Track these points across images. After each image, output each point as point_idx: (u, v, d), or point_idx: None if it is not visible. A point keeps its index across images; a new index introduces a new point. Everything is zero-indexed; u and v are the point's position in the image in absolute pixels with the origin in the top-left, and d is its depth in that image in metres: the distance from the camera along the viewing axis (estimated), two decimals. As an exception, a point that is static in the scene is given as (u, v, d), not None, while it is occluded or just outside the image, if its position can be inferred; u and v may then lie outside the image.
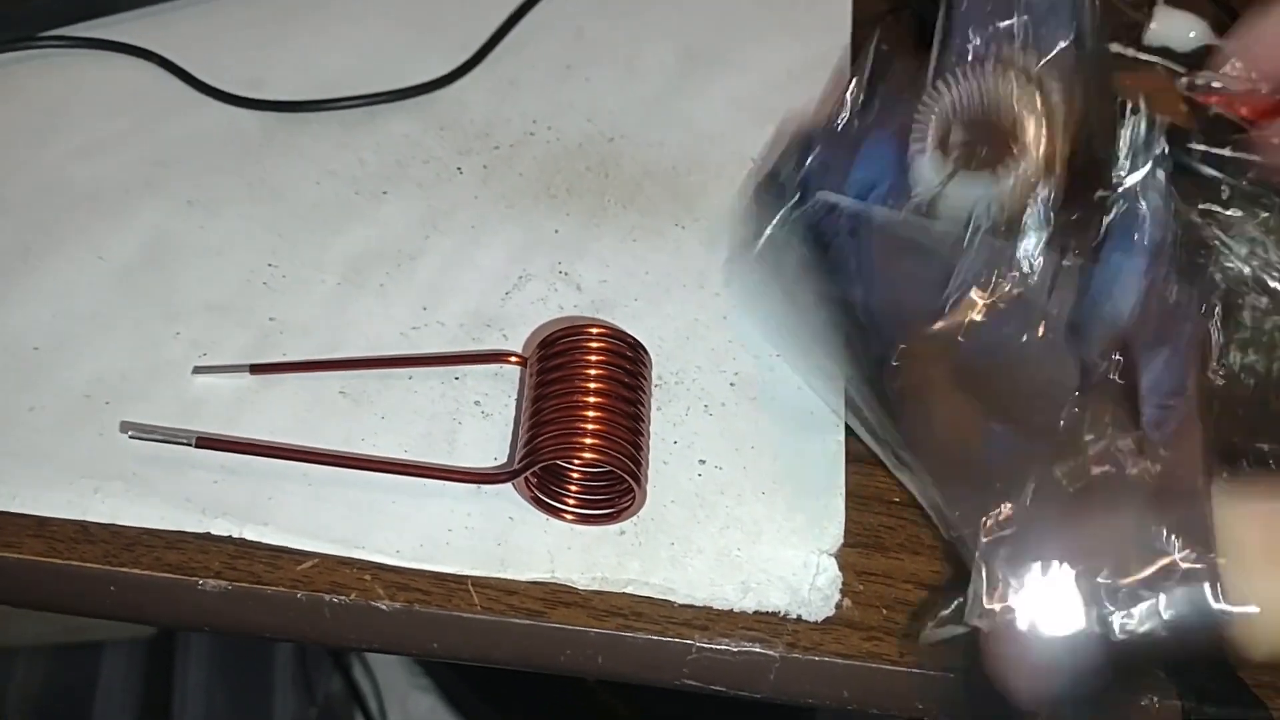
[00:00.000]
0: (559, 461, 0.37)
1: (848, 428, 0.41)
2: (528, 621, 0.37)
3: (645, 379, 0.39)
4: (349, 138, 0.51)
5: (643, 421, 0.38)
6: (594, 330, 0.39)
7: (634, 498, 0.37)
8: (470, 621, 0.37)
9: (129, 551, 0.37)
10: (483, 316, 0.44)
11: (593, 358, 0.38)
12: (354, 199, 0.48)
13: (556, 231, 0.47)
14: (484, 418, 0.41)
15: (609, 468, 0.37)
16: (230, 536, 0.37)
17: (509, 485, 0.38)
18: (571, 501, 0.38)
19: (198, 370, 0.41)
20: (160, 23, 0.54)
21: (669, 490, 0.39)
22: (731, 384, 0.42)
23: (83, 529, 0.37)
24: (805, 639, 0.37)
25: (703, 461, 0.40)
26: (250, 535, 0.37)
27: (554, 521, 0.38)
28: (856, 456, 0.40)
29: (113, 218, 0.46)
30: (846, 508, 0.39)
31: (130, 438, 0.38)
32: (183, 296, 0.44)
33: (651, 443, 0.39)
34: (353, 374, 0.42)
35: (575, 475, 0.38)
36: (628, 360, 0.39)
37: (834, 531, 0.39)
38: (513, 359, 0.42)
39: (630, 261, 0.46)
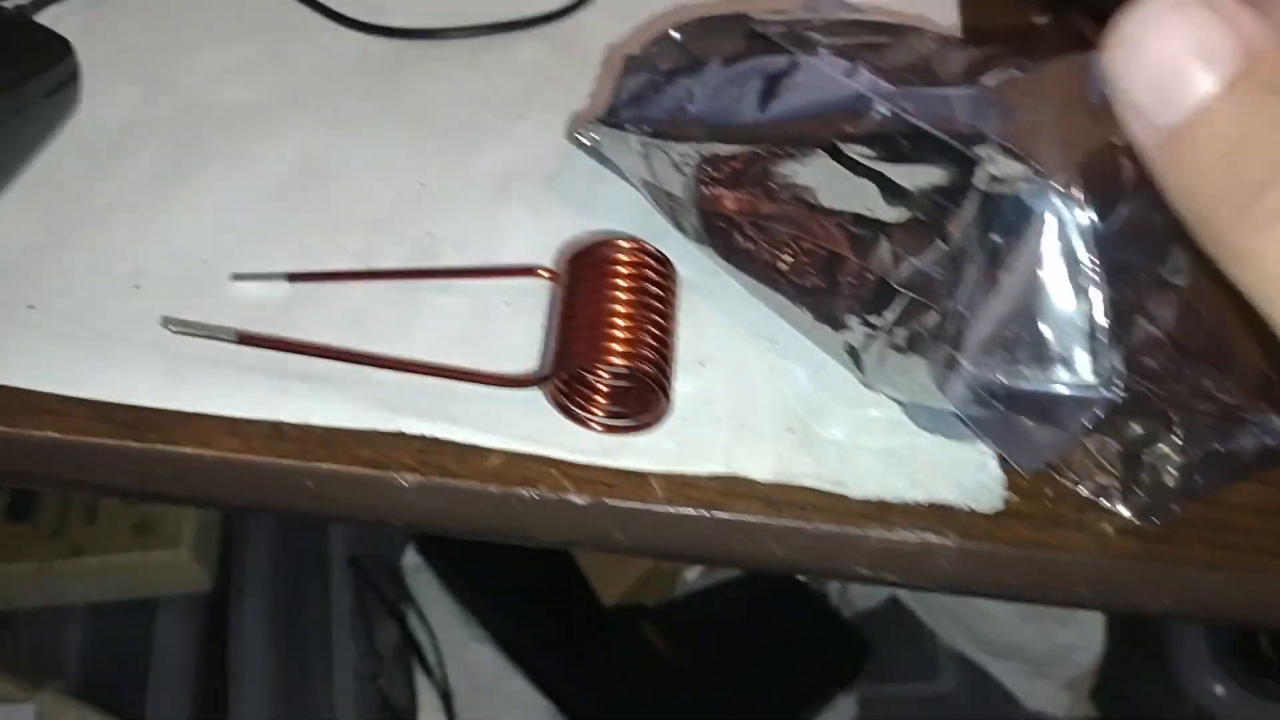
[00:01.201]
0: (585, 370, 0.38)
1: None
2: (706, 513, 0.38)
3: (672, 292, 0.40)
4: (478, 63, 0.51)
5: (669, 334, 0.39)
6: (624, 245, 0.40)
7: (662, 406, 0.38)
8: (652, 514, 0.38)
9: (324, 448, 0.38)
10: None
11: (623, 270, 0.39)
12: (492, 121, 0.49)
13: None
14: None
15: (636, 377, 0.37)
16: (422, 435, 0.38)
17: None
18: (599, 411, 0.39)
19: (236, 278, 0.42)
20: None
21: (833, 388, 0.40)
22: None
23: (274, 428, 0.38)
24: (975, 529, 0.38)
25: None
26: (440, 433, 0.38)
27: (723, 421, 0.39)
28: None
29: (259, 138, 0.47)
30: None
31: (172, 332, 0.39)
32: (338, 212, 0.45)
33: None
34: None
35: (603, 385, 0.39)
36: (656, 274, 0.40)
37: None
38: (544, 273, 0.42)
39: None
